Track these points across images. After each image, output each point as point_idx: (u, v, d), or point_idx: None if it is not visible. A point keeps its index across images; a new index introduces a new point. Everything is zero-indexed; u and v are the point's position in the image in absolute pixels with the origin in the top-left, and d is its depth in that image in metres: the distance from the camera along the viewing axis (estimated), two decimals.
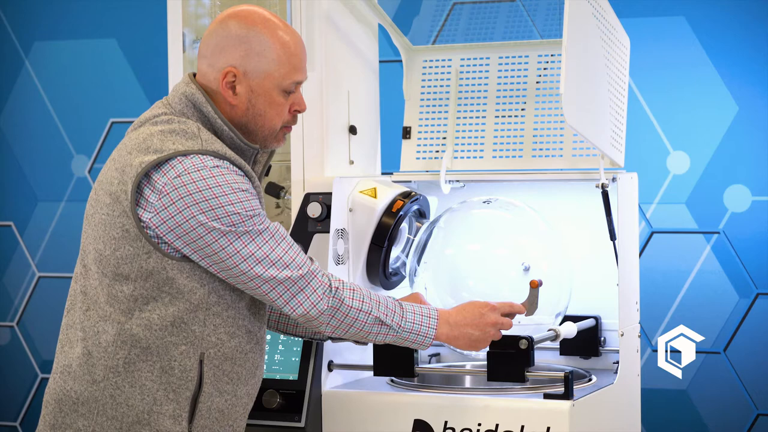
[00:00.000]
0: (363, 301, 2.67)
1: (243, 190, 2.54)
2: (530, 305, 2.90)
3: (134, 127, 2.63)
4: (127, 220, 2.52)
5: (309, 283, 2.60)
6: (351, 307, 2.65)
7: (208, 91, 2.63)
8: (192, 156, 2.52)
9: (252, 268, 2.54)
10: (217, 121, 2.60)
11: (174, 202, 2.50)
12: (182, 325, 2.54)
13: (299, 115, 2.68)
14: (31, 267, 5.32)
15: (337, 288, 2.64)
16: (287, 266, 2.57)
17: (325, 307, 2.62)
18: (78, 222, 2.80)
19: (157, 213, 2.50)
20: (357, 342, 2.97)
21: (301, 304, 2.59)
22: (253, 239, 2.54)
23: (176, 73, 3.49)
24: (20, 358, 5.35)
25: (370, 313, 2.67)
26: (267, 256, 2.55)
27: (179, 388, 2.55)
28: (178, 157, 2.51)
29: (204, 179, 2.50)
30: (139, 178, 2.50)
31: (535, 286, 2.89)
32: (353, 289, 2.67)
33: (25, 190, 5.31)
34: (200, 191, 2.50)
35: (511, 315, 2.84)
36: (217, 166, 2.52)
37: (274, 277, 2.56)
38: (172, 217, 2.50)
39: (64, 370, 2.58)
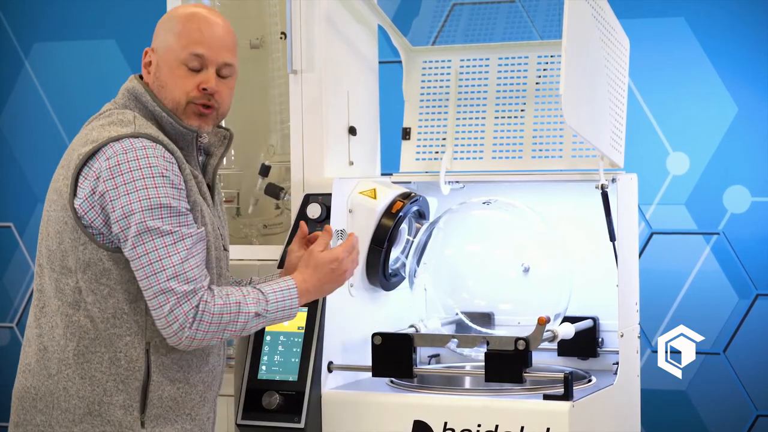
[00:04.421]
0: (230, 318, 2.58)
1: (165, 176, 2.52)
2: (533, 340, 2.88)
3: (83, 127, 2.68)
4: (65, 213, 2.56)
5: (189, 301, 2.52)
6: (219, 322, 2.56)
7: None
8: (123, 140, 2.55)
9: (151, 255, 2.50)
10: (155, 108, 2.64)
11: (103, 182, 2.52)
12: (124, 315, 2.56)
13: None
14: (30, 267, 5.32)
15: (203, 311, 2.54)
16: (186, 278, 2.52)
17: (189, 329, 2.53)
18: None
19: (86, 198, 2.54)
20: None
21: (176, 320, 2.52)
22: (161, 234, 2.51)
23: None
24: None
25: (244, 320, 2.59)
26: (169, 256, 2.51)
27: (128, 379, 2.57)
28: (110, 143, 2.55)
29: (137, 159, 2.52)
30: (77, 169, 2.55)
31: (542, 323, 2.87)
32: (213, 314, 2.56)
33: (25, 190, 5.31)
34: (130, 171, 2.51)
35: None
36: (145, 147, 2.54)
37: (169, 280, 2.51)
38: (101, 196, 2.52)
39: (24, 368, 2.63)
